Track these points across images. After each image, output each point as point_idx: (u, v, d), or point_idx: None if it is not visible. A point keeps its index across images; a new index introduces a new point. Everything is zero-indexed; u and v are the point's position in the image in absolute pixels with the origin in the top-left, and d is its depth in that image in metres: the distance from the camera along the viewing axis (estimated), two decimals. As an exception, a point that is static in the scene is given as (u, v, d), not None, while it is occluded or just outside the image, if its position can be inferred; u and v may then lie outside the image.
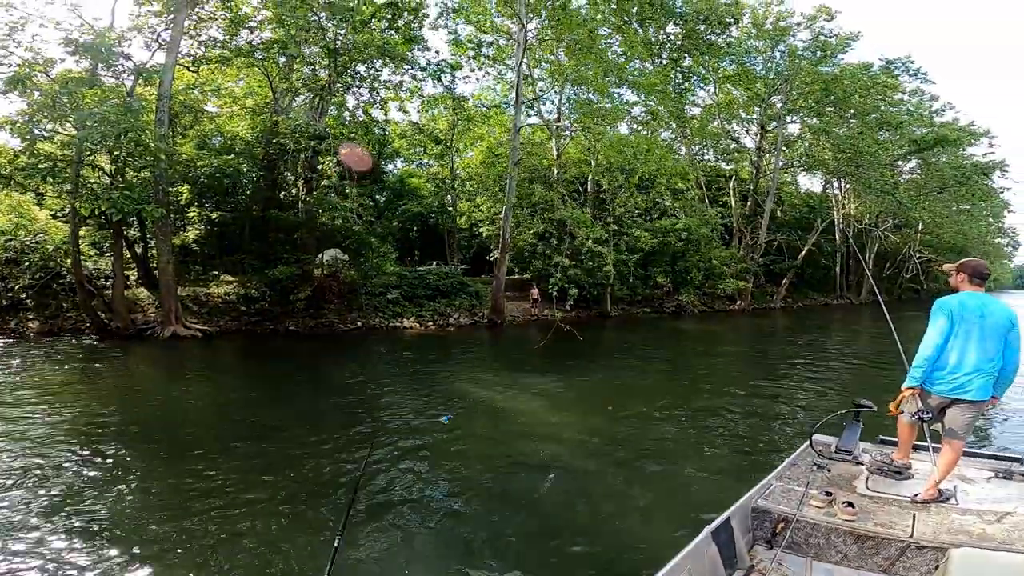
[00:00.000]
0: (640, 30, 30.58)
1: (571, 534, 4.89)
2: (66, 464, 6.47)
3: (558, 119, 28.20)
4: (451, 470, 6.49)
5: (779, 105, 33.97)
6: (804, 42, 32.06)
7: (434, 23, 23.46)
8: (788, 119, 35.13)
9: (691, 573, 2.46)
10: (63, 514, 5.12)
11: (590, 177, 27.42)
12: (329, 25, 18.56)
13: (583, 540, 4.78)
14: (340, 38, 18.68)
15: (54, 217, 19.79)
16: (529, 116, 27.81)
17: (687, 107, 34.13)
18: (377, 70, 20.83)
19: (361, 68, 20.34)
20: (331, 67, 18.86)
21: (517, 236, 23.48)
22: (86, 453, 6.87)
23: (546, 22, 23.03)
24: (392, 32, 20.37)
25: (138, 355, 14.24)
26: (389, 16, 20.14)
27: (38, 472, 6.19)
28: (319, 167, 19.66)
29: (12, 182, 13.57)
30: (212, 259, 19.15)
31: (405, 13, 20.36)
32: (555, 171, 26.63)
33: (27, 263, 17.67)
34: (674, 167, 27.50)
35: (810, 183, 46.31)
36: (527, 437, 7.85)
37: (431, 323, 19.94)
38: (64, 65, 15.43)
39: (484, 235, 27.70)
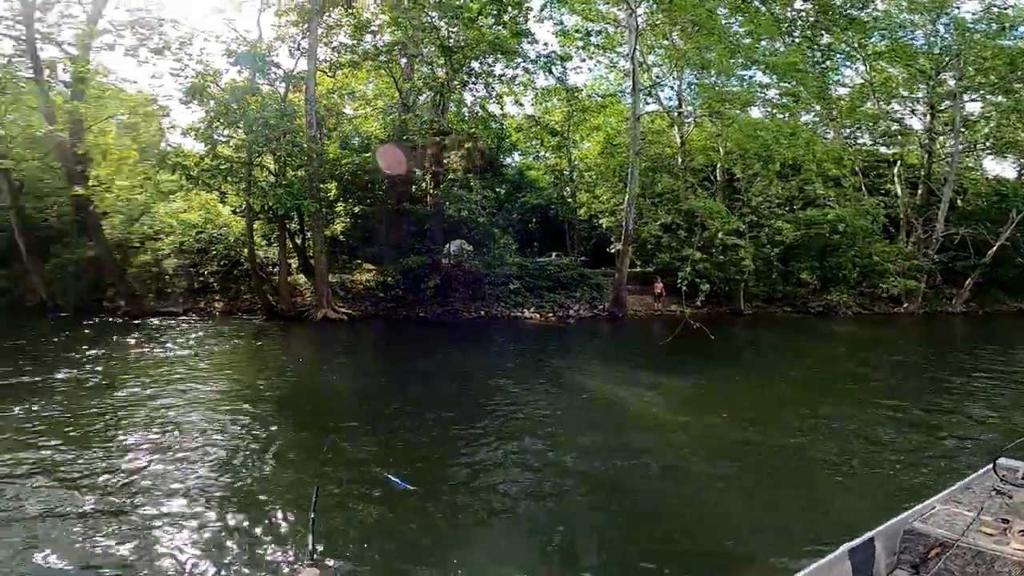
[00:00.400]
0: (763, 7, 27.34)
1: (689, 539, 4.66)
2: (229, 424, 7.65)
3: (679, 105, 26.46)
4: (563, 465, 6.35)
5: (952, 83, 28.28)
6: (973, 14, 26.47)
7: (539, 16, 23.44)
8: (966, 97, 29.11)
9: None
10: (217, 469, 5.98)
11: (719, 165, 25.27)
12: (441, 24, 19.44)
13: (700, 545, 4.55)
14: (452, 36, 19.48)
15: (234, 213, 23.32)
16: (648, 104, 26.45)
17: (831, 87, 29.99)
18: (490, 65, 21.36)
19: (475, 64, 21.00)
20: (447, 65, 19.68)
21: (641, 227, 22.38)
22: (244, 417, 8.02)
23: (654, 6, 21.76)
24: (500, 28, 20.67)
25: (295, 335, 16.10)
26: (494, 12, 20.48)
27: (206, 429, 7.35)
28: (445, 161, 20.55)
29: (200, 182, 16.06)
30: (356, 249, 21.06)
31: (509, 8, 20.56)
32: (679, 159, 24.96)
33: (213, 252, 20.90)
34: (825, 151, 24.10)
35: (1000, 168, 37.90)
36: (648, 437, 7.46)
37: (551, 314, 19.87)
38: (228, 75, 18.03)
39: (604, 227, 26.91)
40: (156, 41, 17.08)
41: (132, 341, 13.81)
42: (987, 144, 31.87)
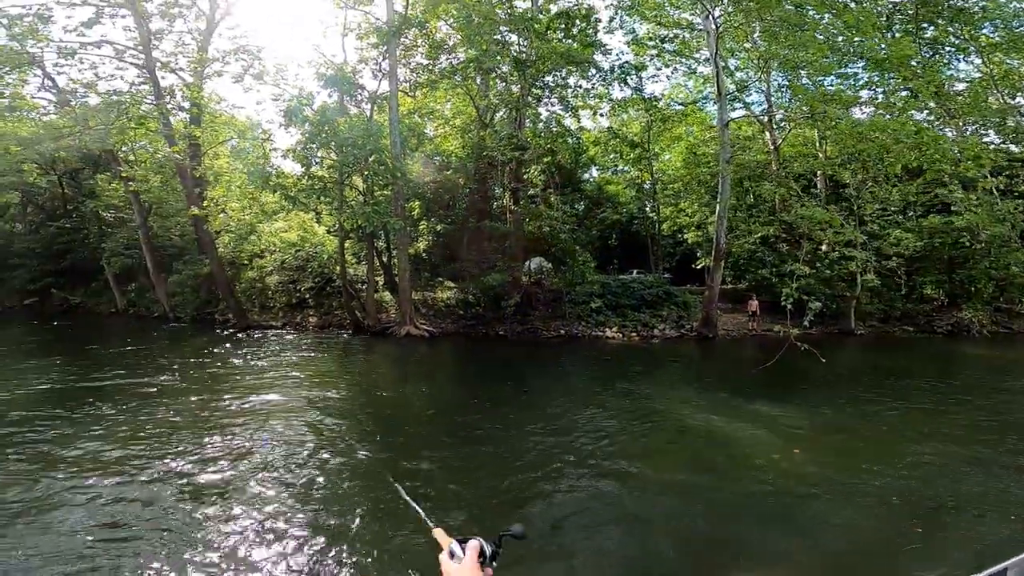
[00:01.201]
0: (852, 2, 24.64)
1: None
2: (308, 435, 7.89)
3: (769, 109, 24.51)
4: (647, 502, 5.84)
5: None
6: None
7: (608, 26, 22.73)
8: None
9: None
10: (292, 474, 6.42)
11: (819, 173, 22.99)
12: (513, 38, 19.41)
13: None
14: (524, 50, 19.39)
15: (328, 232, 24.82)
16: (734, 109, 24.80)
17: (946, 84, 26.46)
18: (564, 78, 21.04)
19: (548, 79, 20.80)
20: (521, 79, 19.57)
21: (732, 241, 20.79)
22: (324, 428, 8.19)
23: (730, 8, 20.29)
24: (570, 41, 20.30)
25: (380, 351, 16.48)
26: (563, 26, 20.17)
27: (289, 437, 7.75)
28: (524, 176, 20.43)
29: (297, 202, 17.08)
30: (437, 267, 21.46)
31: (577, 21, 20.14)
32: (773, 167, 23.01)
33: (309, 270, 22.21)
34: (963, 148, 21.11)
35: None
36: (747, 472, 6.63)
37: (634, 334, 18.84)
38: (320, 98, 19.19)
39: (689, 241, 25.44)
40: (256, 68, 18.60)
41: (235, 351, 14.86)
42: None
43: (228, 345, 16.10)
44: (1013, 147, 29.44)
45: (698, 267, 25.00)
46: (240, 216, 22.03)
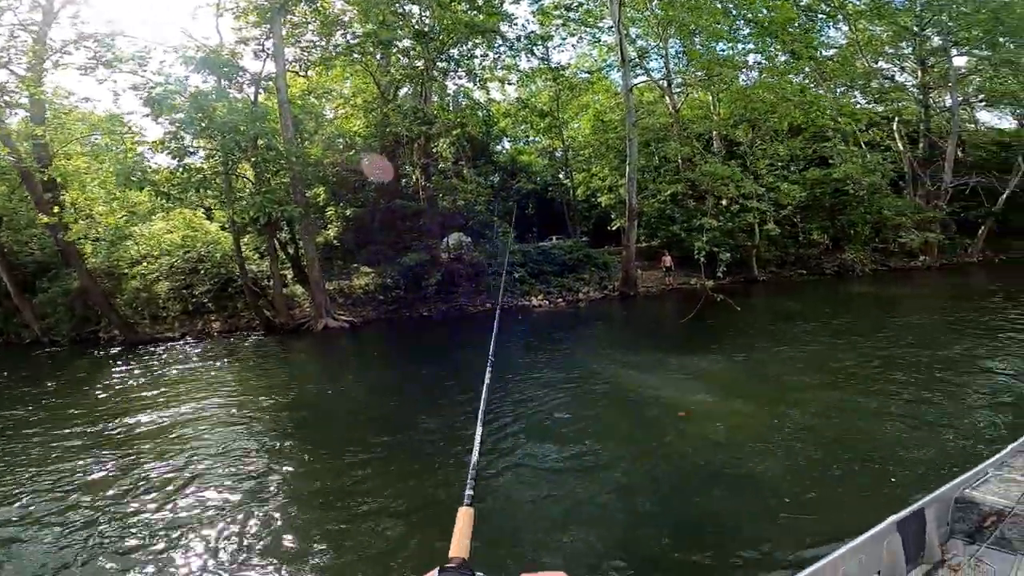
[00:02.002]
0: None
1: (733, 520, 4.39)
2: (230, 443, 7.05)
3: (668, 74, 25.36)
4: (595, 478, 5.43)
5: (937, 40, 27.64)
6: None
7: None
8: (954, 52, 28.46)
9: (863, 565, 2.31)
10: (216, 488, 5.69)
11: (715, 133, 24.19)
12: (414, 9, 18.30)
13: (744, 528, 4.26)
14: (428, 21, 18.32)
15: (222, 229, 22.34)
16: (637, 76, 25.37)
17: (819, 50, 29.01)
18: (470, 51, 20.23)
19: (454, 51, 19.89)
20: (424, 53, 18.52)
21: (643, 201, 21.34)
22: (245, 436, 7.36)
23: None
24: (475, 12, 19.49)
25: (295, 348, 15.13)
26: None
27: (209, 450, 6.87)
28: (434, 150, 19.51)
29: (172, 197, 15.03)
30: (351, 253, 20.08)
31: None
32: (675, 129, 23.87)
33: (202, 271, 19.94)
34: (840, 107, 23.01)
35: (997, 120, 37.03)
36: (688, 427, 6.54)
37: (560, 299, 18.87)
38: (195, 84, 16.90)
39: (603, 204, 25.86)
40: (106, 56, 16.00)
41: (121, 371, 12.89)
42: (979, 97, 31.25)
43: (113, 365, 13.95)
44: (878, 107, 33.05)
45: (613, 229, 25.55)
46: (108, 220, 19.07)
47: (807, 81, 29.93)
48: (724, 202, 21.68)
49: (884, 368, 8.61)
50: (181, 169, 14.90)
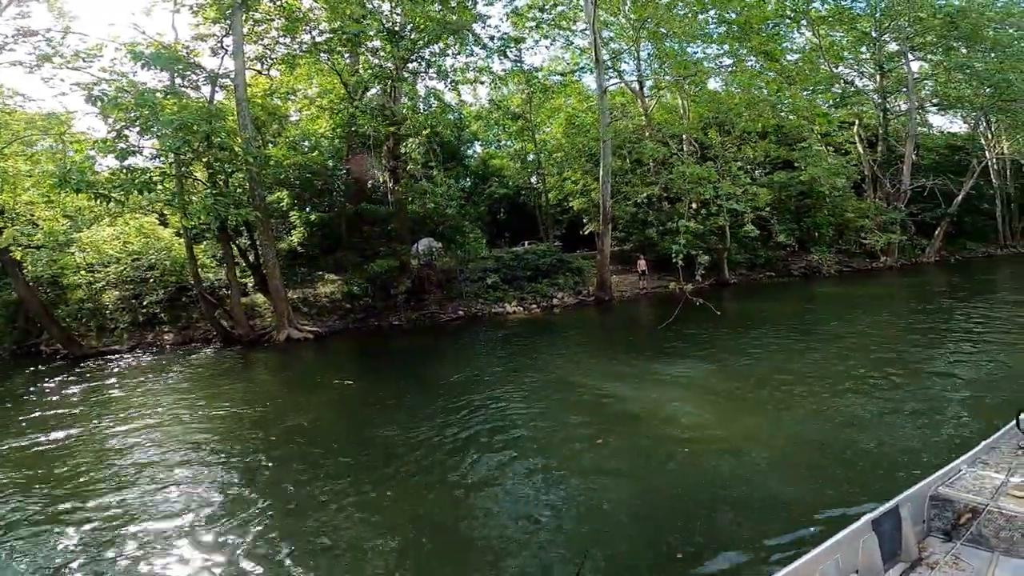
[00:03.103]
0: None
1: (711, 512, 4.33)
2: (188, 461, 6.59)
3: (640, 76, 25.33)
4: (578, 489, 5.05)
5: (894, 46, 28.68)
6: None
7: None
8: (911, 56, 29.65)
9: (840, 564, 2.30)
10: (176, 505, 5.34)
11: (685, 136, 24.19)
12: (384, 7, 17.49)
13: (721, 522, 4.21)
14: (398, 19, 17.56)
15: (177, 235, 20.90)
16: (609, 79, 25.21)
17: (783, 55, 29.68)
18: (442, 51, 19.57)
19: (425, 52, 19.19)
20: (394, 52, 17.73)
21: (617, 205, 21.03)
22: (204, 455, 6.83)
23: None
24: (448, 13, 18.83)
25: (255, 362, 14.05)
26: None
27: (165, 467, 6.39)
28: (403, 153, 18.67)
29: (112, 200, 13.80)
30: (315, 260, 19.03)
31: None
32: (647, 132, 23.75)
33: (151, 280, 18.59)
34: (814, 109, 23.25)
35: (949, 124, 38.77)
36: (673, 438, 6.20)
37: (534, 305, 18.28)
38: (146, 81, 15.74)
39: (575, 209, 25.51)
40: (45, 50, 14.71)
41: (60, 388, 11.60)
42: (933, 101, 32.48)
43: (50, 382, 12.59)
44: (835, 111, 33.97)
45: (585, 233, 25.23)
46: (49, 226, 17.50)
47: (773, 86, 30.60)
48: (694, 206, 21.60)
49: (858, 368, 8.54)
50: (124, 170, 13.63)
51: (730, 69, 24.42)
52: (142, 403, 9.94)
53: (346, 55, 19.28)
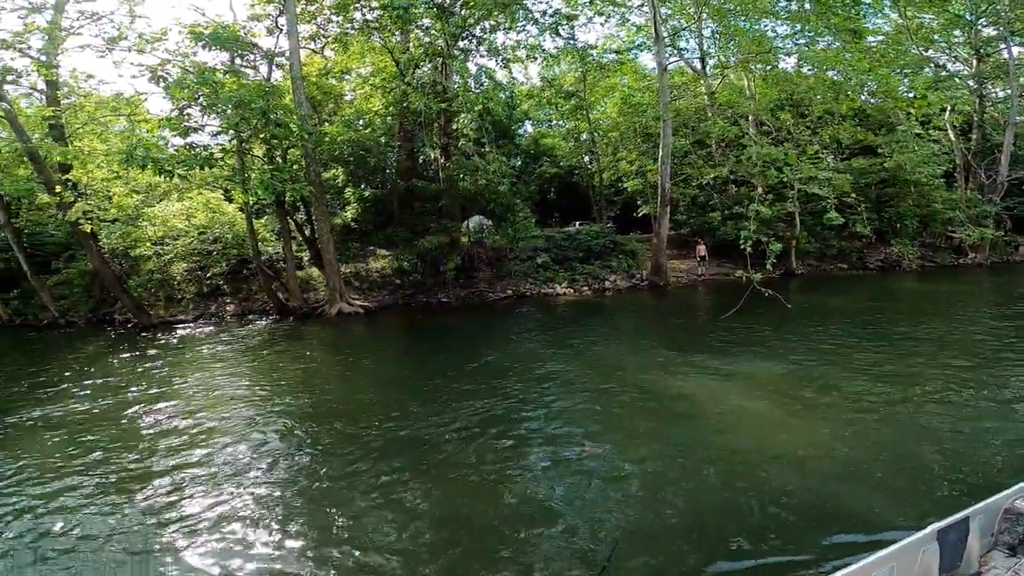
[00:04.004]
0: None
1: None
2: (245, 432, 6.51)
3: (702, 55, 23.66)
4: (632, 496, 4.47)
5: (991, 30, 25.30)
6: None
7: None
8: (1011, 42, 26.02)
9: (895, 572, 2.21)
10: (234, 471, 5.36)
11: (751, 117, 22.34)
12: None
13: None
14: None
15: (240, 210, 21.52)
16: (669, 57, 23.68)
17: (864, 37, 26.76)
18: (493, 28, 18.85)
19: (476, 30, 18.56)
20: (444, 29, 17.20)
21: (677, 187, 19.77)
22: (260, 426, 6.72)
23: None
24: None
25: (307, 335, 14.08)
26: None
27: (224, 438, 6.36)
28: (454, 129, 18.21)
29: (174, 175, 14.15)
30: (368, 235, 19.05)
31: None
32: (710, 112, 22.14)
33: (215, 252, 19.17)
34: (916, 86, 20.87)
35: None
36: (729, 438, 5.56)
37: (585, 287, 17.48)
38: (205, 61, 16.07)
39: (629, 190, 24.32)
40: (111, 32, 15.24)
41: (120, 357, 12.07)
42: None
43: (119, 350, 13.14)
44: (930, 95, 30.61)
45: (639, 215, 24.05)
46: (122, 201, 18.36)
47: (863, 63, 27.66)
48: (759, 189, 19.94)
49: (936, 374, 7.42)
50: (187, 147, 13.99)
51: (806, 47, 22.29)
52: (198, 371, 10.11)
53: (397, 33, 19.02)
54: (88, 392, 8.70)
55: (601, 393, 7.30)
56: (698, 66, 24.30)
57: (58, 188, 14.85)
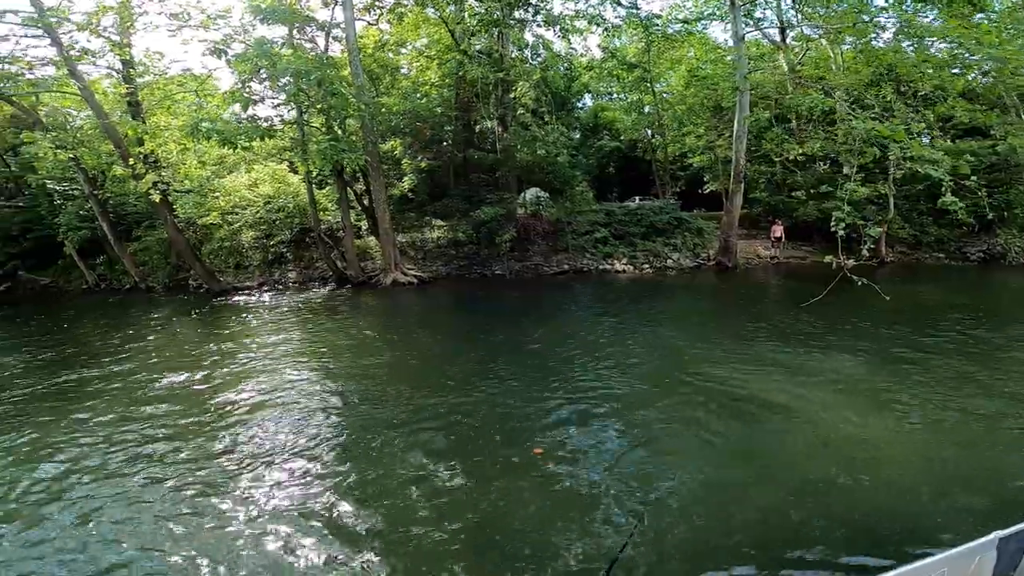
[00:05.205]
0: None
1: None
2: (300, 399, 6.36)
3: (782, 29, 21.32)
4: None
5: None
6: None
7: None
8: None
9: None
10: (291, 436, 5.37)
11: (836, 93, 19.85)
12: None
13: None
14: None
15: (304, 181, 21.90)
16: (745, 27, 21.50)
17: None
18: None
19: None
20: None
21: (753, 163, 18.03)
22: (311, 396, 6.53)
23: None
24: None
25: (361, 304, 13.89)
26: None
27: (282, 402, 6.33)
28: (512, 98, 17.39)
29: (237, 147, 14.32)
30: (424, 205, 18.79)
31: None
32: (789, 88, 19.93)
33: (277, 220, 19.54)
34: None
35: None
36: (809, 446, 4.76)
37: (646, 265, 16.32)
38: (264, 36, 16.08)
39: (695, 165, 22.63)
40: (176, 8, 15.51)
41: (186, 323, 12.38)
42: None
43: (190, 314, 13.54)
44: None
45: (706, 191, 22.35)
46: (194, 172, 19.04)
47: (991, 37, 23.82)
48: (855, 168, 17.67)
49: None
50: (248, 119, 14.13)
51: (906, 24, 19.33)
52: (257, 334, 10.15)
53: (451, 5, 18.39)
54: (164, 349, 8.87)
55: (661, 381, 6.45)
56: (776, 37, 22.02)
57: (131, 160, 15.44)
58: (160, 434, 5.50)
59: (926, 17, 18.83)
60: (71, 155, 17.47)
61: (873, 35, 19.15)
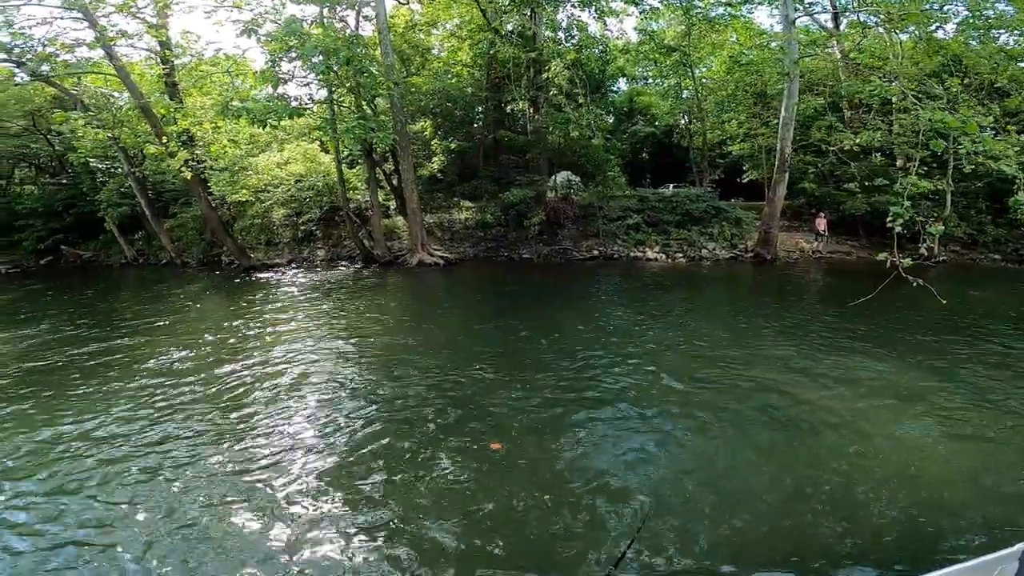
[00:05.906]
0: None
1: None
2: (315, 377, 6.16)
3: (835, 15, 19.98)
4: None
5: None
6: None
7: None
8: None
9: None
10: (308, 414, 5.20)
11: (895, 83, 18.36)
12: None
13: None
14: None
15: (334, 159, 21.84)
16: (796, 11, 20.13)
17: None
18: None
19: None
20: None
21: (798, 153, 16.97)
22: (327, 374, 6.37)
23: None
24: None
25: (386, 284, 13.66)
26: None
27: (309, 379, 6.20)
28: (544, 78, 16.74)
29: (266, 125, 14.17)
30: (452, 186, 18.47)
31: None
32: (842, 76, 18.62)
33: (307, 198, 19.51)
34: None
35: None
36: (856, 463, 4.16)
37: (679, 254, 15.59)
38: (294, 14, 15.80)
39: (734, 153, 21.56)
40: None
41: (215, 298, 12.39)
42: None
43: (222, 289, 13.62)
44: None
45: (745, 180, 21.30)
46: (229, 151, 19.14)
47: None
48: (900, 163, 16.46)
49: None
50: (278, 98, 13.98)
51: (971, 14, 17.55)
52: (284, 310, 10.04)
53: None
54: (197, 322, 8.83)
55: (694, 380, 5.90)
56: (828, 23, 20.64)
57: (164, 139, 15.56)
58: (186, 401, 5.55)
59: (1000, 3, 17.18)
60: (110, 134, 17.77)
61: (936, 24, 17.68)
